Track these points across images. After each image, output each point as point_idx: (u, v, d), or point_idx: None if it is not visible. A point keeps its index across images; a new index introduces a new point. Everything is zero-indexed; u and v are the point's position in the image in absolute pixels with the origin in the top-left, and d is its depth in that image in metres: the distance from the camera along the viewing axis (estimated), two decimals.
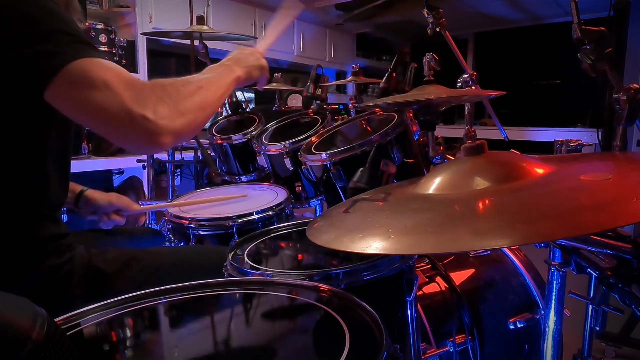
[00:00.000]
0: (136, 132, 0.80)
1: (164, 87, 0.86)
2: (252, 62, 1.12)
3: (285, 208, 1.43)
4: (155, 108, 0.81)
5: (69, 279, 0.96)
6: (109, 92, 0.78)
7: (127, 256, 1.07)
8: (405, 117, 1.35)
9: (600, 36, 0.93)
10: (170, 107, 0.83)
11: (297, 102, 4.47)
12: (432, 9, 1.39)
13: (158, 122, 0.80)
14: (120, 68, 0.83)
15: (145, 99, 0.80)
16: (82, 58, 0.78)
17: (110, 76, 0.79)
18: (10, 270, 0.90)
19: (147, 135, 0.81)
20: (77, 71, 0.78)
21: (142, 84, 0.83)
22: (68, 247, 0.99)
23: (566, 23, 1.09)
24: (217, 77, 1.00)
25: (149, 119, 0.79)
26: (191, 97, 0.88)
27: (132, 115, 0.78)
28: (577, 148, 1.06)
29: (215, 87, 0.97)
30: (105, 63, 0.81)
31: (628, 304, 0.69)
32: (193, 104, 0.88)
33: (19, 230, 0.92)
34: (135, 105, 0.79)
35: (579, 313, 1.15)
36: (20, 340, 0.44)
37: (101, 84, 0.78)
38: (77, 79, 0.78)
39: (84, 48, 0.80)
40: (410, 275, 0.88)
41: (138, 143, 0.83)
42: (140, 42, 3.47)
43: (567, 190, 0.63)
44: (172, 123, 0.83)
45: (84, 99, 0.78)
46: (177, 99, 0.85)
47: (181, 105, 0.85)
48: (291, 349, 0.61)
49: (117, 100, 0.78)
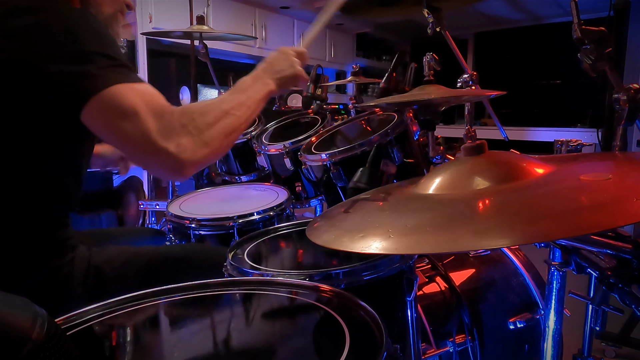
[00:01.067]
0: (159, 163, 0.84)
1: (192, 114, 0.86)
2: (286, 71, 1.07)
3: (286, 208, 1.43)
4: (179, 140, 0.82)
5: (70, 278, 0.96)
6: (137, 122, 0.80)
7: (127, 254, 1.07)
8: (405, 117, 1.35)
9: (600, 36, 0.93)
10: (194, 138, 0.84)
11: (297, 102, 4.47)
12: (432, 9, 1.39)
13: (180, 156, 0.82)
14: (152, 92, 0.85)
15: (171, 130, 0.82)
16: (119, 84, 0.80)
17: (141, 104, 0.81)
18: (13, 272, 0.91)
19: (169, 167, 0.84)
20: (111, 98, 0.79)
21: (171, 113, 0.84)
22: (71, 248, 0.99)
23: (566, 23, 1.09)
24: (247, 95, 0.98)
25: (171, 153, 0.81)
26: (216, 124, 0.88)
27: (155, 147, 0.81)
28: (577, 148, 1.06)
29: (244, 109, 0.95)
30: (139, 89, 0.83)
31: (628, 304, 0.69)
32: (218, 132, 0.88)
33: (29, 233, 0.93)
34: (159, 137, 0.81)
35: (579, 313, 1.15)
36: (20, 340, 0.44)
37: (131, 113, 0.80)
38: (110, 106, 0.80)
39: (120, 72, 0.82)
40: (410, 275, 0.88)
41: (160, 173, 0.87)
42: (140, 42, 3.46)
43: (567, 190, 0.63)
44: (194, 155, 0.84)
45: (114, 126, 0.81)
46: (202, 128, 0.86)
47: (206, 135, 0.86)
48: (291, 349, 0.61)
49: (142, 131, 0.80)
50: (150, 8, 3.55)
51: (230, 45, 3.90)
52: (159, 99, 0.85)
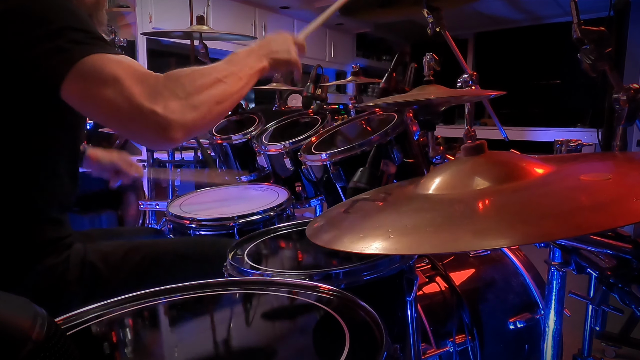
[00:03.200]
0: (146, 127, 0.80)
1: (179, 79, 0.84)
2: (281, 53, 1.05)
3: (286, 208, 1.42)
4: (166, 103, 0.80)
5: (65, 276, 0.96)
6: (119, 88, 0.78)
7: (123, 249, 1.06)
8: (405, 117, 1.35)
9: (600, 36, 0.93)
10: (182, 101, 0.82)
11: (297, 102, 4.47)
12: (432, 9, 1.39)
13: (168, 117, 0.79)
14: (133, 62, 0.83)
15: (157, 93, 0.80)
16: (94, 54, 0.79)
17: (121, 71, 0.79)
18: (8, 271, 0.90)
19: (157, 130, 0.80)
20: (89, 67, 0.78)
21: (155, 78, 0.82)
22: (67, 246, 0.99)
23: (566, 23, 1.09)
24: (239, 67, 0.96)
25: (158, 114, 0.79)
26: (206, 90, 0.86)
27: (141, 110, 0.78)
28: (577, 148, 1.06)
29: (235, 79, 0.93)
30: (117, 58, 0.81)
31: (628, 304, 0.69)
32: (208, 97, 0.86)
33: (24, 232, 0.92)
34: (145, 100, 0.78)
35: (579, 313, 1.15)
36: (20, 340, 0.44)
37: (112, 80, 0.78)
38: (89, 75, 0.78)
39: (96, 43, 0.81)
40: (410, 275, 0.88)
41: (149, 138, 0.84)
42: (140, 42, 3.47)
43: (567, 190, 0.63)
44: (183, 117, 0.81)
45: (95, 95, 0.78)
46: (190, 91, 0.83)
47: (194, 98, 0.83)
48: (291, 349, 0.61)
49: (126, 96, 0.78)
50: (150, 8, 3.55)
51: (230, 45, 3.90)
52: (139, 66, 0.83)
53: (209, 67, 0.91)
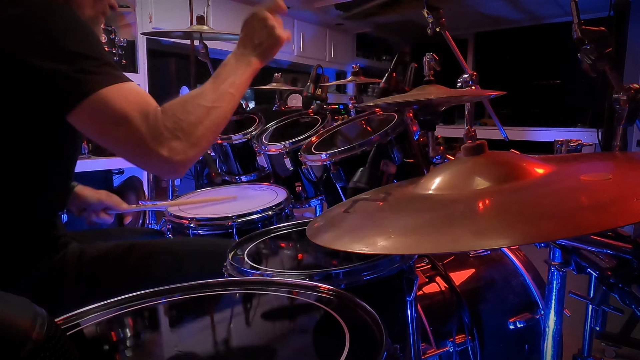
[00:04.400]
0: (153, 165, 0.87)
1: (174, 117, 0.87)
2: (266, 41, 1.02)
3: (285, 208, 1.42)
4: (170, 145, 0.84)
5: (62, 275, 0.96)
6: (128, 128, 0.81)
7: (120, 249, 1.06)
8: (405, 117, 1.35)
9: (600, 36, 0.93)
10: (183, 142, 0.86)
11: (297, 102, 4.47)
12: (432, 9, 1.39)
13: (173, 159, 0.85)
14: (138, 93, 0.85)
15: (160, 134, 0.84)
16: (105, 87, 0.80)
17: (129, 109, 0.82)
18: (5, 272, 0.90)
19: (163, 169, 0.87)
20: (100, 103, 0.80)
21: (156, 117, 0.84)
22: (62, 246, 0.99)
23: (566, 23, 1.09)
24: (231, 81, 0.96)
25: (164, 157, 0.84)
26: (202, 123, 0.89)
27: (149, 152, 0.83)
28: (577, 148, 1.06)
29: (228, 97, 0.95)
30: (126, 91, 0.83)
31: (628, 304, 0.69)
32: (205, 129, 0.90)
33: (16, 235, 0.92)
34: (152, 142, 0.83)
35: (579, 313, 1.15)
36: (20, 340, 0.44)
37: (122, 119, 0.81)
38: (99, 112, 0.80)
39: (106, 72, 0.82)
40: (410, 275, 0.88)
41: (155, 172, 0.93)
42: (140, 42, 3.46)
43: (567, 190, 0.63)
44: (186, 156, 0.87)
45: (105, 131, 0.83)
46: (189, 130, 0.87)
47: (193, 137, 0.88)
48: (291, 349, 0.61)
49: (135, 137, 0.82)
50: (150, 8, 3.55)
51: (230, 45, 3.90)
52: (144, 98, 0.86)
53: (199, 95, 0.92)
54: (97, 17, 1.02)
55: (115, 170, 3.37)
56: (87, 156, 2.93)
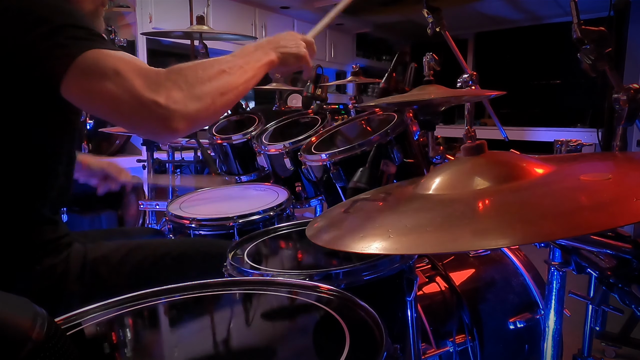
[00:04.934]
0: (148, 118, 0.80)
1: (181, 71, 0.83)
2: (290, 48, 1.05)
3: (286, 208, 1.42)
4: (168, 93, 0.79)
5: (66, 276, 0.96)
6: (120, 80, 0.78)
7: (124, 250, 1.06)
8: (405, 117, 1.35)
9: (600, 36, 0.93)
10: (184, 92, 0.81)
11: (297, 102, 4.47)
12: (432, 9, 1.39)
13: (170, 107, 0.79)
14: (132, 57, 0.83)
15: (158, 84, 0.79)
16: (94, 49, 0.79)
17: (121, 64, 0.79)
18: (6, 272, 0.90)
19: (159, 121, 0.80)
20: (89, 61, 0.78)
21: (156, 71, 0.81)
22: (66, 246, 0.99)
23: (566, 23, 1.09)
24: (246, 60, 0.95)
25: (160, 105, 0.78)
26: (210, 81, 0.85)
27: (143, 101, 0.78)
28: (577, 148, 1.06)
29: (240, 72, 0.92)
30: (117, 53, 0.81)
31: (628, 304, 0.69)
32: (211, 88, 0.85)
33: (19, 232, 0.92)
34: (146, 91, 0.78)
35: (579, 313, 1.15)
36: (20, 340, 0.44)
37: (112, 73, 0.78)
38: (89, 69, 0.78)
39: (96, 39, 0.81)
40: (410, 275, 0.88)
41: (151, 130, 0.83)
42: (140, 42, 3.46)
43: (567, 190, 0.63)
44: (186, 107, 0.81)
45: (96, 89, 0.78)
46: (193, 82, 0.83)
47: (197, 89, 0.83)
48: (291, 349, 0.61)
49: (128, 88, 0.78)
50: (150, 8, 3.55)
51: (230, 45, 3.90)
52: (140, 61, 0.83)
53: (213, 59, 0.91)
54: (97, 9, 1.03)
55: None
56: None
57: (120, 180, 1.41)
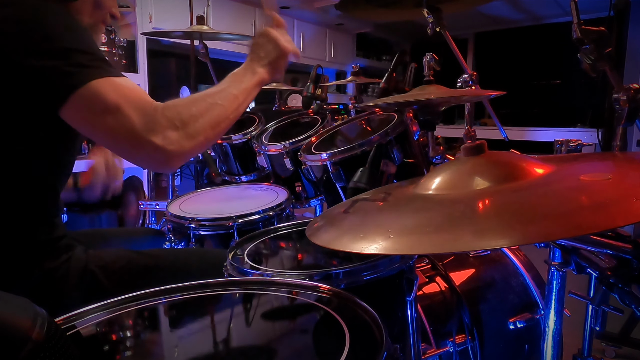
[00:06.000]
0: (145, 157, 0.83)
1: (176, 108, 0.86)
2: (272, 53, 1.05)
3: (285, 208, 1.43)
4: (165, 134, 0.82)
5: (64, 281, 0.96)
6: (120, 117, 0.80)
7: (124, 259, 1.06)
8: (405, 117, 1.35)
9: (600, 36, 0.93)
10: (179, 131, 0.84)
11: (297, 102, 4.47)
12: (432, 9, 1.39)
13: (167, 148, 0.82)
14: (133, 87, 0.84)
15: (155, 123, 0.82)
16: (97, 79, 0.80)
17: (122, 100, 0.80)
18: (6, 274, 0.90)
19: (156, 160, 0.84)
20: (91, 93, 0.79)
21: (154, 108, 0.83)
22: (65, 248, 0.99)
23: (566, 23, 1.09)
24: (238, 88, 0.97)
25: (157, 146, 0.81)
26: (202, 117, 0.88)
27: (141, 141, 0.81)
28: (577, 148, 1.06)
29: (231, 100, 0.94)
30: (119, 84, 0.82)
31: (628, 304, 0.69)
32: (204, 123, 0.88)
33: (17, 234, 0.92)
34: (144, 131, 0.80)
35: (579, 313, 1.15)
36: (20, 340, 0.44)
37: (113, 108, 0.79)
38: (91, 102, 0.79)
39: (99, 66, 0.82)
40: (410, 275, 0.88)
41: (148, 165, 0.88)
42: (140, 42, 3.46)
43: (567, 190, 0.63)
44: (181, 148, 0.84)
45: (96, 122, 0.81)
46: (187, 120, 0.85)
47: (191, 127, 0.86)
48: (291, 349, 0.61)
49: (127, 126, 0.80)
50: (150, 8, 3.55)
51: (230, 45, 3.90)
52: (140, 93, 0.85)
53: (204, 93, 0.93)
54: (96, 25, 1.03)
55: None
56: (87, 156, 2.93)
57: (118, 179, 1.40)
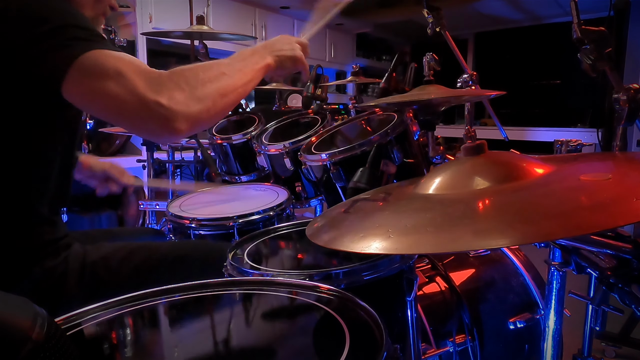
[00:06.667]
0: (151, 119, 0.80)
1: (182, 73, 0.84)
2: (285, 52, 1.06)
3: (286, 208, 1.42)
4: (171, 94, 0.79)
5: (65, 278, 0.96)
6: (122, 80, 0.78)
7: (123, 252, 1.06)
8: (405, 117, 1.35)
9: (600, 36, 0.93)
10: (186, 93, 0.81)
11: (297, 102, 4.47)
12: (432, 9, 1.39)
13: (173, 108, 0.79)
14: (134, 58, 0.83)
15: (160, 85, 0.79)
16: (95, 49, 0.79)
17: (123, 65, 0.79)
18: (6, 273, 0.90)
19: (161, 122, 0.80)
20: (91, 62, 0.78)
21: (158, 72, 0.82)
22: (65, 247, 0.99)
23: (566, 23, 1.09)
24: (244, 64, 0.96)
25: (163, 105, 0.78)
26: (211, 82, 0.86)
27: (146, 101, 0.78)
28: (577, 148, 1.06)
29: (240, 74, 0.93)
30: (118, 54, 0.81)
31: (628, 304, 0.69)
32: (212, 90, 0.85)
33: (18, 233, 0.92)
34: (148, 91, 0.78)
35: (579, 313, 1.15)
36: (20, 340, 0.44)
37: (114, 73, 0.78)
38: (91, 69, 0.78)
39: (97, 40, 0.81)
40: (410, 275, 0.88)
41: (153, 130, 0.83)
42: (140, 42, 3.47)
43: (567, 190, 0.63)
44: (188, 109, 0.81)
45: (98, 89, 0.78)
46: (195, 84, 0.83)
47: (199, 91, 0.83)
48: (291, 349, 0.61)
49: (130, 88, 0.77)
50: (150, 8, 3.55)
51: (230, 45, 3.90)
52: (142, 63, 0.83)
53: (213, 62, 0.91)
54: (97, 17, 1.03)
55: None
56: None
57: (122, 182, 1.41)
